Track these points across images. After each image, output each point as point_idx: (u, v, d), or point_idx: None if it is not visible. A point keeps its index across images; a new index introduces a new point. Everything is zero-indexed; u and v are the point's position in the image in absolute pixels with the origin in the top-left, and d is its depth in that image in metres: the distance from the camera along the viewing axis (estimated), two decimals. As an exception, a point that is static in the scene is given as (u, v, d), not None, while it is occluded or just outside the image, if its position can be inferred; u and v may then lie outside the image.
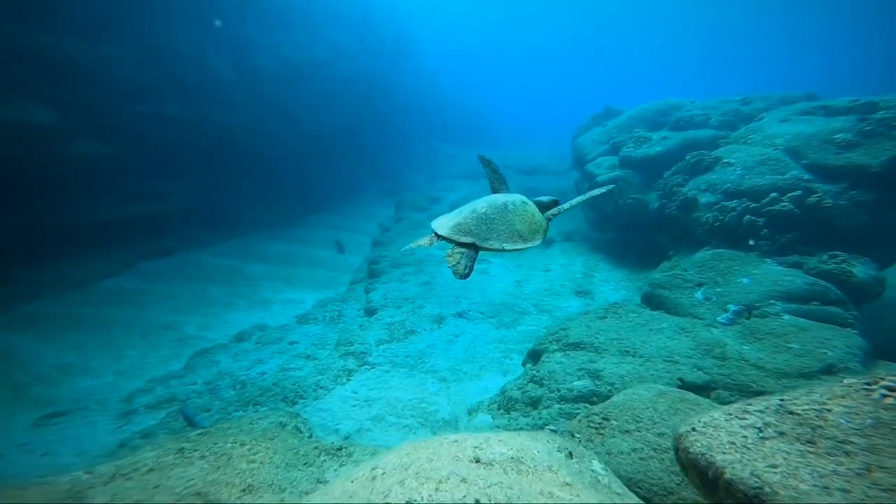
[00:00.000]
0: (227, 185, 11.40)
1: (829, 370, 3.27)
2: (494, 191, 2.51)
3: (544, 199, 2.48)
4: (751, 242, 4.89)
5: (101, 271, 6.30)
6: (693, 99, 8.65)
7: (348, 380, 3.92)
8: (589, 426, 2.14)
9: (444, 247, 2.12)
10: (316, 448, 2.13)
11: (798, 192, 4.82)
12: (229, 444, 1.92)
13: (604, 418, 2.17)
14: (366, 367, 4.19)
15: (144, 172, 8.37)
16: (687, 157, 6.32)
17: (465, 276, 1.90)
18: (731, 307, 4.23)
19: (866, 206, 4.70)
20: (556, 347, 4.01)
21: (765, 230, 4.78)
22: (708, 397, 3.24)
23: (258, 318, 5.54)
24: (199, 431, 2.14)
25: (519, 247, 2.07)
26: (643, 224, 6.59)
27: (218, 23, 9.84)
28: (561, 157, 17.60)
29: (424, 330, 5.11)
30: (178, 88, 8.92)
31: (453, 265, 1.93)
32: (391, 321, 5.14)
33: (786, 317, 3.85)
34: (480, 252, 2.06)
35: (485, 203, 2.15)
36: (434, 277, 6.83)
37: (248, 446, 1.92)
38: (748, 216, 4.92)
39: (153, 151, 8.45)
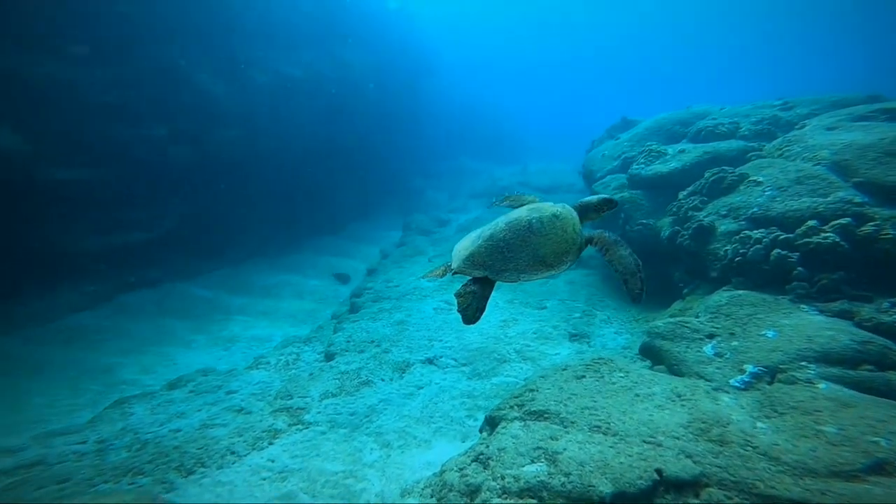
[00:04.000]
0: (223, 210, 11.83)
1: (878, 468, 2.50)
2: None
3: (592, 199, 2.20)
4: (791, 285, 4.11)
5: (72, 305, 6.59)
6: (724, 106, 7.91)
7: (270, 443, 3.60)
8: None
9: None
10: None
11: (846, 220, 4.03)
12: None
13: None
14: (298, 426, 3.86)
15: (128, 198, 8.79)
16: (706, 175, 5.63)
17: (473, 322, 1.82)
18: (749, 368, 3.50)
19: (942, 235, 3.81)
20: (516, 415, 3.49)
21: (799, 268, 4.01)
22: (696, 498, 2.58)
23: (214, 359, 5.44)
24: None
25: (540, 276, 1.89)
26: (654, 255, 5.89)
27: (205, 39, 10.46)
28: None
29: (382, 380, 4.73)
30: (162, 109, 9.42)
31: (462, 310, 1.83)
32: (347, 369, 4.82)
33: (822, 385, 3.08)
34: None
35: (506, 224, 1.96)
36: (410, 315, 6.49)
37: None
38: (777, 250, 4.17)
39: (137, 176, 8.88)
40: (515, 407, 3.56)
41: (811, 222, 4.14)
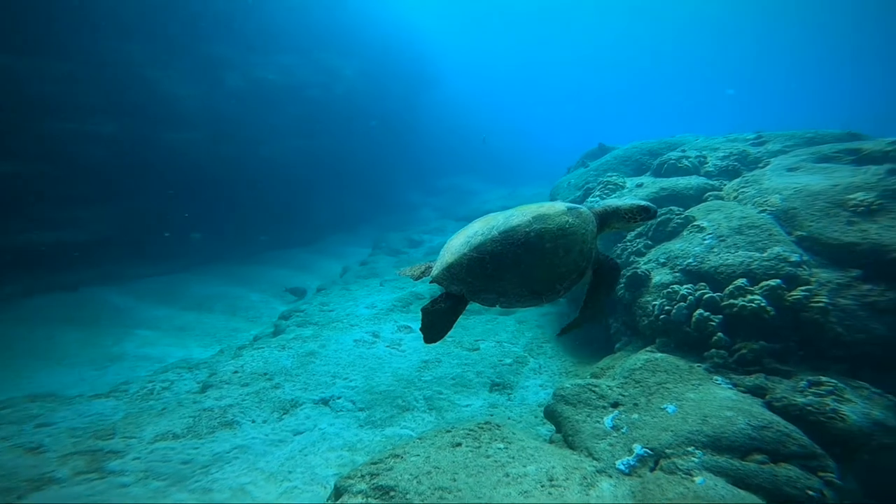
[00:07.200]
0: (175, 214, 11.83)
1: None
2: None
3: (623, 205, 1.90)
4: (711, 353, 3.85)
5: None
6: (698, 136, 7.76)
7: (18, 497, 3.27)
8: None
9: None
10: None
11: (775, 282, 3.79)
12: None
13: None
14: (90, 476, 3.54)
15: (59, 196, 8.81)
16: (653, 215, 5.43)
17: (434, 342, 1.76)
18: (637, 449, 3.24)
19: (885, 310, 3.55)
20: (362, 488, 3.24)
21: (720, 334, 3.76)
22: None
23: (76, 379, 5.28)
24: None
25: (523, 305, 1.71)
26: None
27: (170, 37, 10.66)
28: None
29: (252, 422, 4.49)
30: (114, 105, 9.56)
31: (424, 328, 1.74)
32: (213, 405, 4.59)
33: (698, 479, 2.81)
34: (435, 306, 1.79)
35: (499, 234, 1.70)
36: (325, 346, 6.27)
37: None
38: (700, 311, 3.93)
39: (74, 173, 8.92)
40: (367, 476, 3.31)
41: (740, 281, 3.91)
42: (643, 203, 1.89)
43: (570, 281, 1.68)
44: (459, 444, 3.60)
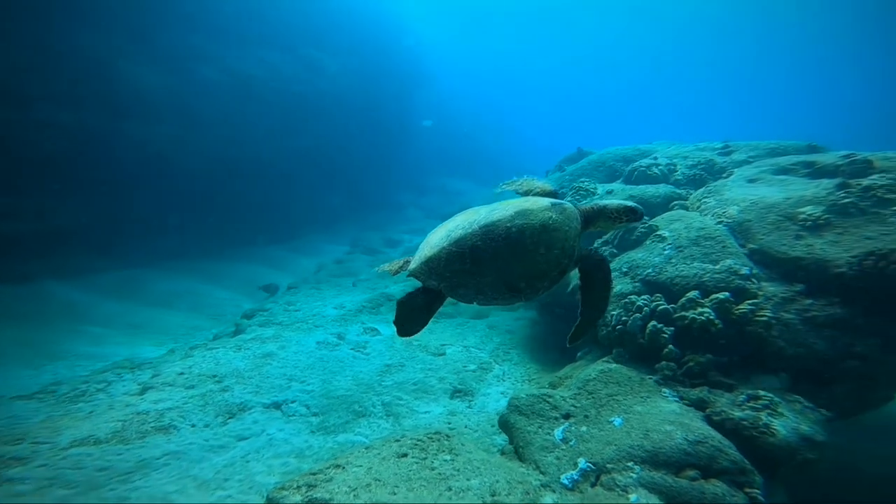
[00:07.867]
0: (143, 208, 11.48)
1: None
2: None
3: (610, 204, 1.88)
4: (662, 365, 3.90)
5: None
6: (673, 143, 7.89)
7: None
8: None
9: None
10: None
11: (724, 295, 3.87)
12: None
13: None
14: None
15: (12, 185, 8.44)
16: (618, 223, 5.48)
17: (409, 335, 1.77)
18: (581, 463, 3.27)
19: (823, 324, 3.66)
20: (297, 499, 3.17)
21: (671, 346, 3.82)
22: None
23: (1, 380, 5.00)
24: None
25: (503, 302, 1.68)
26: (562, 307, 5.70)
27: (142, 27, 10.30)
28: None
29: (192, 426, 4.38)
30: (75, 95, 9.20)
31: (398, 321, 1.74)
32: (148, 409, 4.47)
33: (633, 497, 2.84)
34: (410, 300, 1.80)
35: (480, 228, 1.67)
36: (285, 348, 6.17)
37: None
38: (654, 322, 3.98)
39: (26, 163, 8.56)
40: (303, 488, 3.25)
41: (692, 293, 3.99)
42: (630, 204, 1.90)
43: (551, 279, 1.67)
44: (405, 455, 3.57)
